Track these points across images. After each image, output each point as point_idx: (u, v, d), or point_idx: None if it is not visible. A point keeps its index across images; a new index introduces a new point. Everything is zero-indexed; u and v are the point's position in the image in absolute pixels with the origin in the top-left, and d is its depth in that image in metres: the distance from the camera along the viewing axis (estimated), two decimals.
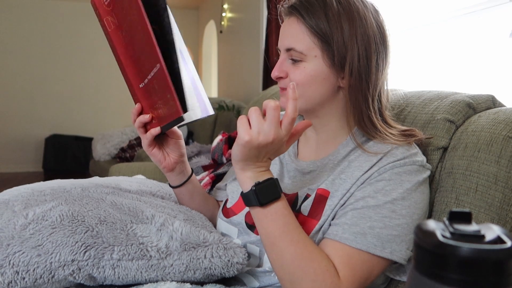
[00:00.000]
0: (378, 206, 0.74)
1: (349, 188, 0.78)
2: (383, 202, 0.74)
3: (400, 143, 0.79)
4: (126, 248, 0.73)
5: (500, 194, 0.76)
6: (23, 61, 5.41)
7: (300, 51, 0.79)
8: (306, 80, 0.80)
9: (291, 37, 0.81)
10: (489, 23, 1.57)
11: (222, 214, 0.94)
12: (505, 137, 0.78)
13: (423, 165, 0.79)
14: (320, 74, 0.79)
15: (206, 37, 5.77)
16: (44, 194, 0.88)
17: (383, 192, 0.75)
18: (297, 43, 0.79)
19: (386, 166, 0.77)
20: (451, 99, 0.93)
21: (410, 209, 0.75)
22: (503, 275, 0.27)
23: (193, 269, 0.75)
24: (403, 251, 0.73)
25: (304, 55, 0.79)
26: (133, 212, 0.83)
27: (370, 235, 0.73)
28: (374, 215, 0.74)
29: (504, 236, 0.28)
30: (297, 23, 0.80)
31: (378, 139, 0.81)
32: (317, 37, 0.78)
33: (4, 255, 0.70)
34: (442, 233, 0.28)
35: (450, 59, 1.75)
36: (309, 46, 0.79)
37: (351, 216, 0.75)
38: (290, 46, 0.80)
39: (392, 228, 0.73)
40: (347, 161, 0.82)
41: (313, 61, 0.79)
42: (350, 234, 0.73)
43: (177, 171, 0.95)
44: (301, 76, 0.80)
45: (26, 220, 0.77)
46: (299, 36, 0.79)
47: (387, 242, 0.73)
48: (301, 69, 0.80)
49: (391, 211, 0.74)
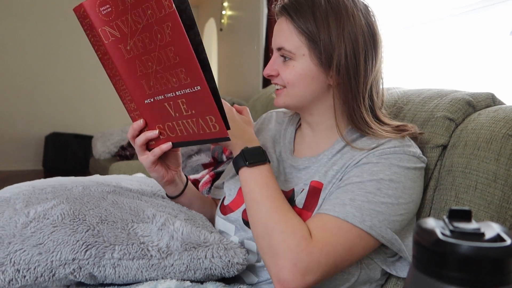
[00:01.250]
0: (362, 183, 0.75)
1: (336, 174, 0.81)
2: (368, 180, 0.75)
3: (393, 136, 0.80)
4: (127, 248, 0.74)
5: (500, 192, 0.77)
6: (23, 59, 5.40)
7: (289, 50, 0.81)
8: (296, 78, 0.82)
9: (281, 36, 0.83)
10: (489, 21, 1.56)
11: (219, 212, 0.94)
12: (505, 135, 0.79)
13: (417, 156, 0.79)
14: (308, 72, 0.81)
15: (206, 35, 5.76)
16: (45, 192, 0.88)
17: (369, 172, 0.75)
18: (286, 42, 0.82)
19: (375, 153, 0.78)
20: (451, 97, 0.93)
21: (396, 191, 0.74)
22: (502, 273, 0.27)
23: (193, 269, 0.76)
24: (383, 228, 0.72)
25: (293, 54, 0.82)
26: (134, 211, 0.83)
27: (350, 205, 0.73)
28: (357, 189, 0.74)
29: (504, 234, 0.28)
30: (286, 22, 0.82)
31: (371, 135, 0.82)
32: (304, 36, 0.80)
33: (5, 253, 0.70)
34: (442, 231, 0.29)
35: (450, 57, 1.75)
36: (297, 45, 0.81)
37: (335, 193, 0.77)
38: (280, 45, 0.83)
39: (375, 204, 0.72)
40: (340, 154, 0.83)
41: (302, 59, 0.81)
42: (330, 205, 0.74)
43: (177, 182, 0.94)
44: (291, 74, 0.82)
45: (28, 219, 0.77)
46: (287, 35, 0.82)
47: (368, 215, 0.72)
48: (290, 67, 0.82)
49: (376, 188, 0.74)
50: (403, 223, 0.76)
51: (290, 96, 0.85)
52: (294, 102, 0.85)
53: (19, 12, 5.33)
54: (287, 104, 0.87)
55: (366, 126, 0.81)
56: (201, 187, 1.56)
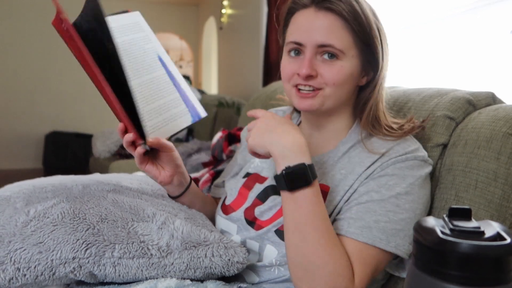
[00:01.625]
0: (382, 201, 0.75)
1: (352, 184, 0.78)
2: (388, 197, 0.75)
3: (398, 135, 0.81)
4: (127, 246, 0.74)
5: (500, 191, 0.77)
6: (23, 58, 5.39)
7: (340, 48, 0.75)
8: (343, 79, 0.77)
9: (328, 32, 0.75)
10: (489, 19, 1.56)
11: (221, 211, 0.94)
12: (505, 134, 0.79)
13: (425, 160, 0.79)
14: (354, 74, 0.79)
15: (206, 33, 5.75)
16: (46, 191, 0.88)
17: (386, 187, 0.75)
18: (337, 40, 0.75)
19: (388, 162, 0.77)
20: (451, 96, 0.93)
21: (413, 203, 0.75)
22: (502, 271, 0.27)
23: (193, 268, 0.76)
24: (406, 245, 0.74)
25: (342, 53, 0.76)
26: (134, 210, 0.83)
27: (376, 229, 0.73)
28: (379, 209, 0.74)
29: (504, 232, 0.28)
30: (335, 18, 0.76)
31: (380, 136, 0.81)
32: (358, 37, 0.76)
33: (6, 252, 0.70)
34: (442, 229, 0.29)
35: (450, 56, 1.75)
36: (348, 45, 0.76)
37: (356, 210, 0.75)
38: (326, 42, 0.75)
39: (396, 223, 0.74)
40: (347, 157, 0.82)
41: (351, 60, 0.77)
42: (356, 229, 0.74)
43: (175, 183, 0.92)
44: (339, 75, 0.77)
45: (28, 217, 0.77)
46: (338, 32, 0.75)
47: (392, 236, 0.73)
48: (338, 67, 0.76)
49: (395, 205, 0.74)
50: None
51: (328, 97, 0.79)
52: (331, 104, 0.80)
53: (19, 11, 5.33)
54: (324, 106, 0.80)
55: (380, 125, 0.82)
56: (201, 185, 1.56)
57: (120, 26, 0.88)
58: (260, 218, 0.85)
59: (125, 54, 0.86)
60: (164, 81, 0.90)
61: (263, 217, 0.85)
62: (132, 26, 0.90)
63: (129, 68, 0.86)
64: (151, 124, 0.87)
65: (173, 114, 0.90)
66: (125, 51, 0.86)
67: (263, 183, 0.90)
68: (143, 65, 0.89)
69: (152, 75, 0.89)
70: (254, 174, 0.94)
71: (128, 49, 0.87)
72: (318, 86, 0.78)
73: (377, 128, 0.82)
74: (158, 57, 0.91)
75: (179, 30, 6.10)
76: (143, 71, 0.88)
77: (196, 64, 6.31)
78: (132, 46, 0.88)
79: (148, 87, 0.88)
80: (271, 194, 0.87)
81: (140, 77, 0.88)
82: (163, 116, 0.88)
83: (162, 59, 0.91)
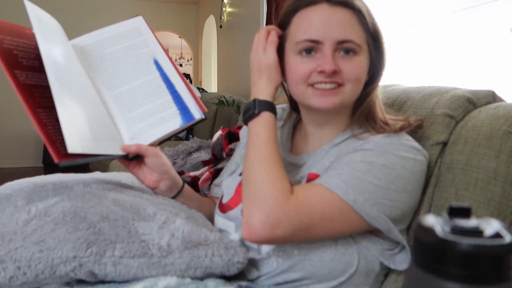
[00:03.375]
0: (352, 162, 0.74)
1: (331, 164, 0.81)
2: (359, 160, 0.74)
3: (393, 131, 0.81)
4: (127, 246, 0.74)
5: (500, 189, 0.77)
6: None
7: (359, 43, 0.77)
8: (362, 75, 0.80)
9: (347, 28, 0.76)
10: (489, 18, 1.56)
11: (219, 210, 0.94)
12: (505, 132, 0.79)
13: (416, 148, 0.78)
14: (367, 69, 0.81)
15: (206, 32, 5.75)
16: (46, 189, 0.88)
17: (362, 155, 0.75)
18: (356, 35, 0.77)
19: (370, 142, 0.77)
20: (451, 94, 0.93)
21: (389, 176, 0.72)
22: (502, 270, 0.27)
23: (194, 267, 0.76)
24: (367, 205, 0.71)
25: (360, 48, 0.78)
26: (135, 209, 0.83)
27: (335, 178, 0.73)
28: (346, 167, 0.74)
29: (504, 231, 0.28)
30: (351, 14, 0.77)
31: (374, 132, 0.82)
32: (369, 32, 0.79)
33: (6, 250, 0.71)
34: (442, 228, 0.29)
35: (451, 54, 1.75)
36: (362, 40, 0.78)
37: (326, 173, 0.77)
38: (346, 38, 0.76)
39: (361, 181, 0.71)
40: (337, 147, 0.84)
41: (365, 55, 0.80)
42: (319, 180, 0.75)
43: (162, 188, 0.92)
44: (359, 70, 0.78)
45: (29, 216, 0.77)
46: (355, 27, 0.77)
47: (352, 189, 0.71)
48: (357, 63, 0.78)
49: (366, 169, 0.72)
50: (394, 212, 0.74)
51: (349, 93, 0.78)
52: (349, 100, 0.81)
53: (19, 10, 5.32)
54: (344, 103, 0.79)
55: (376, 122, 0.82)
56: (201, 184, 1.56)
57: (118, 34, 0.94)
58: None
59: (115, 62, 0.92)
60: (155, 84, 0.93)
61: None
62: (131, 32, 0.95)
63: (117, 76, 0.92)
64: (134, 130, 0.90)
65: (159, 118, 0.92)
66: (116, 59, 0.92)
67: None
68: (133, 71, 0.93)
69: (142, 80, 0.92)
70: None
71: (120, 57, 0.93)
72: (342, 81, 0.77)
73: (372, 125, 0.82)
74: (153, 60, 0.94)
75: (179, 28, 6.10)
76: (131, 77, 0.92)
77: (196, 62, 6.31)
78: (125, 53, 0.93)
79: (135, 93, 0.91)
80: None
81: (127, 84, 0.92)
82: (147, 121, 0.90)
83: (158, 61, 0.94)
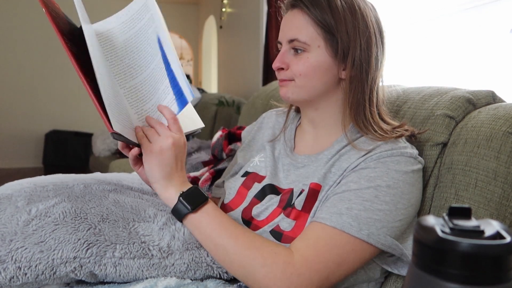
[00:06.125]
0: (359, 190, 0.74)
1: (336, 179, 0.80)
2: (366, 187, 0.74)
3: (389, 137, 0.80)
4: (128, 247, 0.74)
5: (500, 190, 0.77)
6: (24, 57, 5.39)
7: (304, 41, 0.81)
8: (309, 70, 0.81)
9: (294, 28, 0.82)
10: (489, 18, 1.56)
11: None
12: (505, 133, 0.79)
13: (414, 157, 0.79)
14: (323, 64, 0.81)
15: (206, 32, 5.75)
16: (47, 190, 0.88)
17: (366, 178, 0.75)
18: (301, 34, 0.81)
19: (373, 156, 0.77)
20: (451, 95, 0.93)
21: (395, 197, 0.73)
22: (502, 270, 0.27)
23: (193, 268, 0.76)
24: (381, 235, 0.72)
25: (307, 45, 0.81)
26: (135, 210, 0.83)
27: (347, 215, 0.72)
28: (354, 198, 0.74)
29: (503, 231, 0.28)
30: (301, 14, 0.81)
31: (370, 135, 0.82)
32: (321, 28, 0.80)
33: (7, 251, 0.71)
34: (442, 228, 0.29)
35: (450, 55, 1.75)
36: (312, 36, 0.81)
37: (332, 200, 0.76)
38: (293, 37, 0.82)
39: (372, 212, 0.72)
40: (338, 155, 0.83)
41: (316, 51, 0.81)
42: (326, 214, 0.74)
43: None
44: (304, 66, 0.81)
45: (29, 216, 0.77)
46: (302, 26, 0.81)
47: (365, 224, 0.71)
48: (304, 59, 0.81)
49: (373, 196, 0.73)
50: (403, 228, 0.76)
51: (300, 88, 0.83)
52: (303, 94, 0.84)
53: (20, 10, 5.32)
54: (295, 96, 0.85)
55: (367, 123, 0.81)
56: (201, 184, 1.56)
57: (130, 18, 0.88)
58: (256, 218, 0.86)
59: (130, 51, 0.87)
60: (159, 68, 0.88)
61: (259, 217, 0.86)
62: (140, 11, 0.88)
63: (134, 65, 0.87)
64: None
65: None
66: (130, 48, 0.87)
67: (261, 182, 0.91)
68: (145, 58, 0.88)
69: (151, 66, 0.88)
70: (252, 173, 0.94)
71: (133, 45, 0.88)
72: (288, 77, 0.84)
73: (369, 128, 0.82)
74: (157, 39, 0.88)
75: (179, 29, 6.09)
76: (145, 65, 0.88)
77: (196, 63, 6.31)
78: (137, 38, 0.88)
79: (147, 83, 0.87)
80: (268, 193, 0.88)
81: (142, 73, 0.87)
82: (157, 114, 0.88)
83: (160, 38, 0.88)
